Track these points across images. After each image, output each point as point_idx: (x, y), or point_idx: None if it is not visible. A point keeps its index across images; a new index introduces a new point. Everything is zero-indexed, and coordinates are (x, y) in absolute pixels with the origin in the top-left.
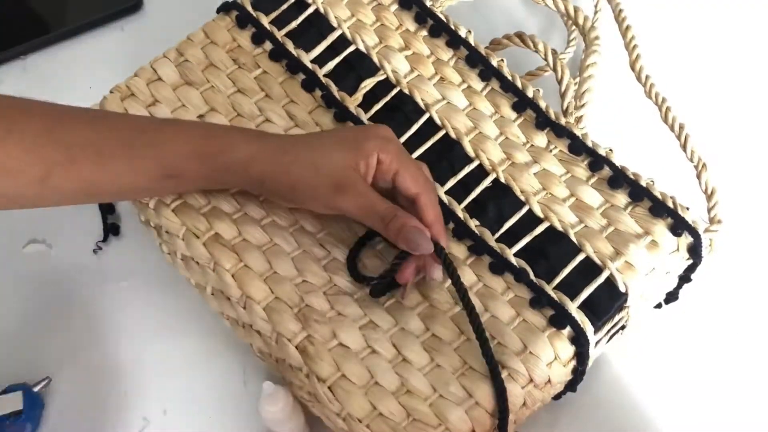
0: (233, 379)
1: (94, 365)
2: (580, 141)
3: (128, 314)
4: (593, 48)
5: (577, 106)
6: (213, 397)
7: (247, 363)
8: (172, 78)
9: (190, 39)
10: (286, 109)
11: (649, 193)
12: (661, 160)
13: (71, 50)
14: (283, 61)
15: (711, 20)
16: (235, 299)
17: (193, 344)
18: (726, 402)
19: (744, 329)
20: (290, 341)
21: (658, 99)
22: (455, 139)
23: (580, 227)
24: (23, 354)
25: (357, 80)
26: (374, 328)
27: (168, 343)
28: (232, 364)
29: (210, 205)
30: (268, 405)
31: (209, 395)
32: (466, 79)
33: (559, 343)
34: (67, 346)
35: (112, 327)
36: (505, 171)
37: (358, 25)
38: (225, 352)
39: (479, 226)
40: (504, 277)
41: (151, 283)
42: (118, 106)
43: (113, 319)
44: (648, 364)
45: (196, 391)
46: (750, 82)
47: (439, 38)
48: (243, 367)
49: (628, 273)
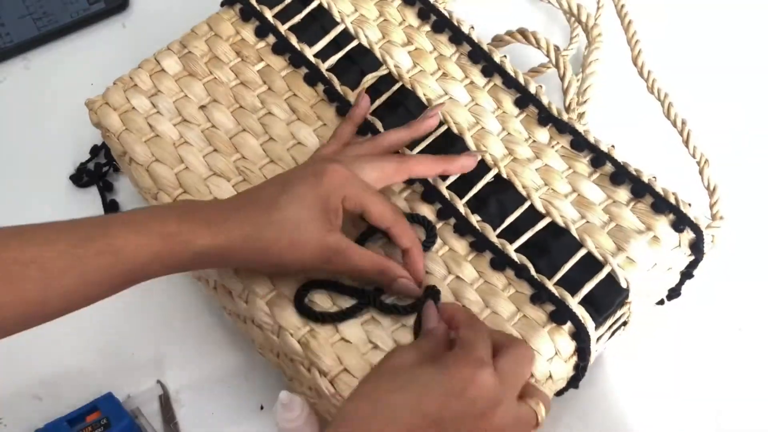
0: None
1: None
2: (582, 137)
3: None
4: (596, 44)
5: (579, 102)
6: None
7: (249, 359)
8: (174, 69)
9: (194, 31)
10: (288, 102)
11: (651, 189)
12: (664, 156)
13: (72, 47)
14: (286, 54)
15: (714, 16)
16: (237, 293)
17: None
18: (728, 398)
19: (746, 325)
20: (292, 335)
21: (661, 95)
22: (457, 134)
23: (582, 223)
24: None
25: (359, 75)
26: (376, 324)
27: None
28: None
29: (211, 196)
30: (284, 413)
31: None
32: (469, 74)
33: (559, 339)
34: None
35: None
36: (507, 166)
37: (361, 20)
38: (227, 348)
39: (480, 222)
40: (505, 272)
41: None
42: (121, 96)
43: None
44: (650, 360)
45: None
46: (753, 78)
47: (442, 34)
48: (245, 364)
49: (630, 269)
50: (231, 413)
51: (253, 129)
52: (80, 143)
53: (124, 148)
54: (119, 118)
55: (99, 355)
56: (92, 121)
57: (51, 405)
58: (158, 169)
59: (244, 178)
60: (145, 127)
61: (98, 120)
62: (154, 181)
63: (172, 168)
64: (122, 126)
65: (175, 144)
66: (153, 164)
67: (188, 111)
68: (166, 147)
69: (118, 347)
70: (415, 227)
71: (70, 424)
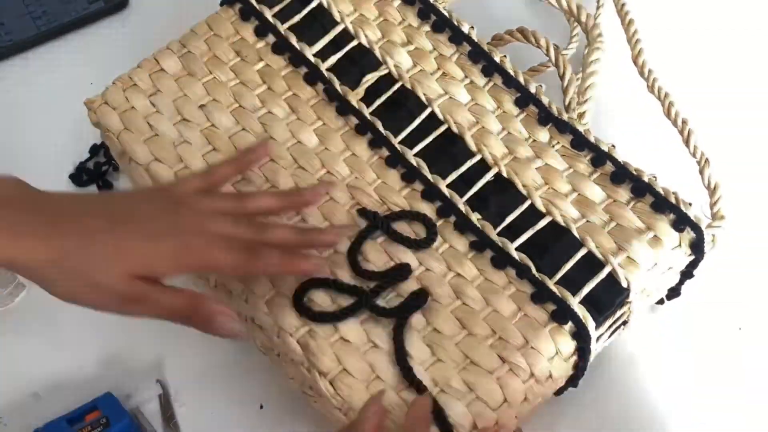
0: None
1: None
2: (582, 136)
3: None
4: (596, 44)
5: (579, 101)
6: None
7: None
8: (174, 69)
9: (193, 31)
10: (287, 101)
11: (652, 188)
12: (664, 155)
13: (72, 47)
14: (285, 54)
15: (714, 15)
16: (237, 293)
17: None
18: (728, 397)
19: (746, 325)
20: (292, 336)
21: (661, 94)
22: (457, 134)
23: (582, 222)
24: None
25: (359, 75)
26: (376, 323)
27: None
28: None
29: None
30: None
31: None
32: (469, 74)
33: (560, 338)
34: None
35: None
36: (507, 166)
37: (361, 19)
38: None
39: (481, 220)
40: (506, 271)
41: None
42: (121, 96)
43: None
44: (650, 359)
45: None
46: (753, 77)
47: (442, 34)
48: (245, 363)
49: (630, 268)
50: (231, 413)
51: (253, 128)
52: (80, 142)
53: (124, 147)
54: (119, 117)
55: (99, 355)
56: (92, 120)
57: (51, 404)
58: (158, 168)
59: (244, 177)
60: (144, 127)
61: (98, 120)
62: (154, 181)
63: (172, 167)
64: (122, 125)
65: (175, 143)
66: (152, 164)
67: (188, 110)
68: (165, 146)
69: (118, 346)
70: (414, 224)
71: (69, 424)
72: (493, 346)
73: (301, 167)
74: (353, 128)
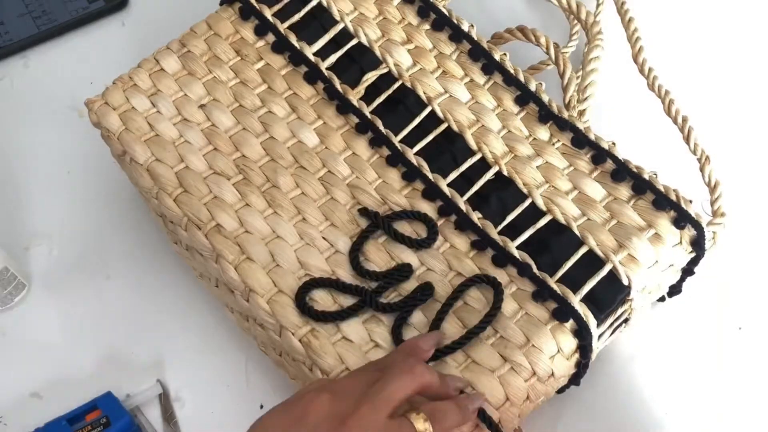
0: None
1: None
2: (582, 134)
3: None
4: (596, 42)
5: (579, 99)
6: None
7: (249, 358)
8: (174, 68)
9: (193, 30)
10: (287, 100)
11: (652, 186)
12: (664, 152)
13: (72, 46)
14: (285, 53)
15: (714, 12)
16: (239, 292)
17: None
18: (729, 395)
19: (747, 322)
20: (294, 335)
21: (661, 92)
22: (457, 132)
23: (583, 220)
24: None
25: (359, 73)
26: (378, 322)
27: (168, 340)
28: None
29: (211, 195)
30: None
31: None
32: (469, 72)
33: (562, 336)
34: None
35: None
36: (508, 164)
37: (360, 18)
38: (227, 347)
39: (482, 219)
40: (507, 269)
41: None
42: (120, 96)
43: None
44: (651, 357)
45: (197, 386)
46: (753, 75)
47: (442, 32)
48: (245, 363)
49: (631, 266)
50: (231, 413)
51: (253, 127)
52: (80, 142)
53: (124, 147)
54: (119, 117)
55: (99, 354)
56: (92, 120)
57: (51, 404)
58: (158, 168)
59: (244, 177)
60: (144, 127)
61: (98, 119)
62: (154, 181)
63: (172, 167)
64: (122, 125)
65: (175, 143)
66: (153, 163)
67: (188, 110)
68: (165, 146)
69: (118, 346)
70: (415, 224)
71: (69, 423)
72: (494, 344)
73: (301, 166)
74: (353, 127)
